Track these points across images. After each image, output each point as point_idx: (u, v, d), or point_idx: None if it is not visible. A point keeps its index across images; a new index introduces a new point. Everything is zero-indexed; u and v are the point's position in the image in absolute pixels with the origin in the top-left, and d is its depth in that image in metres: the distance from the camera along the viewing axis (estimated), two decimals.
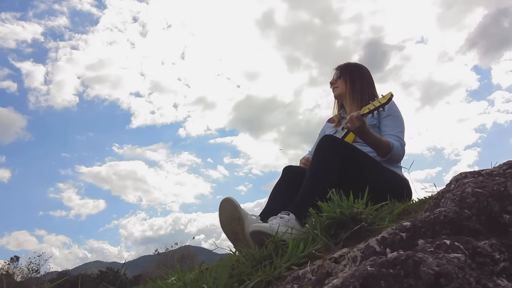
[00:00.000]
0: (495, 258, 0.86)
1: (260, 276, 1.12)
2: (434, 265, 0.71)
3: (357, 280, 0.68)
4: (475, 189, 1.16)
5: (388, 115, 2.30)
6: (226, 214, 1.64)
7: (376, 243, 0.99)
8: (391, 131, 2.25)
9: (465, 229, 1.02)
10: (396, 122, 2.30)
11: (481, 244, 0.90)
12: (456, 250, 0.85)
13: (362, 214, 1.32)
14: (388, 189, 1.86)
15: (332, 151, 1.89)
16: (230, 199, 1.64)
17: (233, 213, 1.61)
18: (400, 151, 2.18)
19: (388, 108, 2.31)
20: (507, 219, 1.12)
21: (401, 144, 2.20)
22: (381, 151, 2.13)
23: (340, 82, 2.56)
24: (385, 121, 2.30)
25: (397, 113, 2.33)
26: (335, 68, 2.67)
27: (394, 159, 2.17)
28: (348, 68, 2.59)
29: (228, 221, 1.63)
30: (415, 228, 1.00)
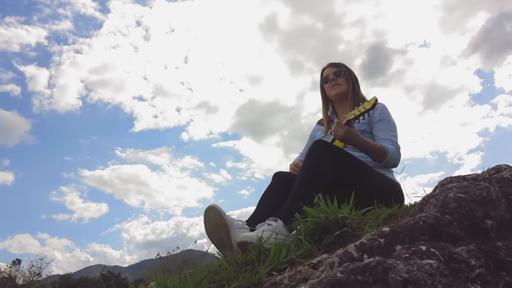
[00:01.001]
0: (471, 264, 0.85)
1: (239, 281, 1.11)
2: (403, 272, 0.70)
3: (324, 286, 0.67)
4: (458, 194, 1.15)
5: (380, 120, 2.26)
6: (211, 222, 1.63)
7: (354, 249, 0.98)
8: (385, 135, 2.21)
9: (445, 235, 1.01)
10: (389, 126, 2.26)
11: (458, 250, 0.89)
12: (431, 256, 0.84)
13: (347, 219, 1.31)
14: (379, 194, 1.84)
15: (324, 157, 1.87)
16: (215, 206, 1.63)
17: (218, 220, 1.60)
18: (396, 155, 2.13)
19: (380, 112, 2.28)
20: (489, 224, 1.11)
21: (397, 148, 2.16)
22: (375, 157, 2.10)
23: (342, 80, 2.45)
24: (377, 126, 2.26)
25: (389, 117, 2.29)
26: (332, 64, 2.56)
27: (391, 163, 2.13)
28: (347, 68, 2.52)
29: (214, 228, 1.62)
30: (393, 234, 0.99)
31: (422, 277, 0.69)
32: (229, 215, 1.66)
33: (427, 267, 0.75)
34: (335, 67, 2.52)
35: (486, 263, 0.87)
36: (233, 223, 1.62)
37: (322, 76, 2.56)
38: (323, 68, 2.60)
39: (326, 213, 1.33)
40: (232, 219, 1.65)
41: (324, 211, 1.35)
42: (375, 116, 2.28)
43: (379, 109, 2.30)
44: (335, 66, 2.53)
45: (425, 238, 0.99)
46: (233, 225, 1.62)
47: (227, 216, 1.62)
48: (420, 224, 1.00)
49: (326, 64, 2.60)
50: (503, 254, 0.92)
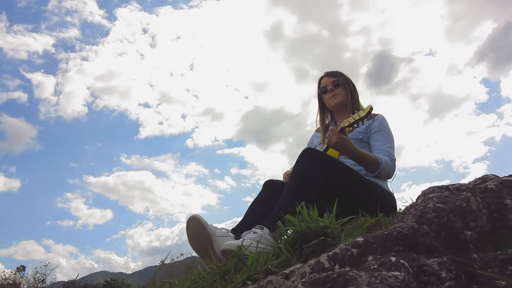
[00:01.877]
0: (441, 277, 0.83)
1: None
2: (364, 284, 0.68)
3: None
4: (437, 204, 1.13)
5: (378, 130, 2.25)
6: (193, 233, 1.61)
7: (326, 259, 0.96)
8: (381, 146, 2.19)
9: (420, 246, 0.99)
10: (386, 137, 2.24)
11: (429, 262, 0.87)
12: (399, 268, 0.82)
13: (328, 229, 1.29)
14: (370, 203, 1.82)
15: (313, 165, 1.86)
16: (196, 217, 1.62)
17: (200, 231, 1.59)
18: (390, 166, 2.11)
19: (379, 123, 2.27)
20: (468, 235, 1.09)
21: (391, 159, 2.14)
22: (368, 167, 2.08)
23: (340, 90, 2.45)
24: (375, 136, 2.25)
25: (387, 129, 2.28)
26: (329, 74, 2.54)
27: (384, 174, 2.11)
28: (345, 77, 2.50)
29: (196, 239, 1.61)
30: (366, 244, 0.97)
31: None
32: (212, 224, 1.64)
33: (391, 280, 0.73)
34: (333, 76, 2.51)
35: (457, 276, 0.85)
36: (216, 232, 1.60)
37: (320, 86, 2.55)
38: (320, 78, 2.59)
39: (307, 222, 1.31)
40: (215, 228, 1.64)
41: (305, 220, 1.33)
42: (374, 126, 2.27)
43: (378, 120, 2.30)
44: (332, 75, 2.52)
45: (399, 249, 0.97)
46: (216, 234, 1.60)
47: (209, 226, 1.61)
48: (394, 235, 0.98)
49: (323, 73, 2.60)
50: (477, 266, 0.90)
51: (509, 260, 0.90)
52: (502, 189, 1.27)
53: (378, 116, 2.33)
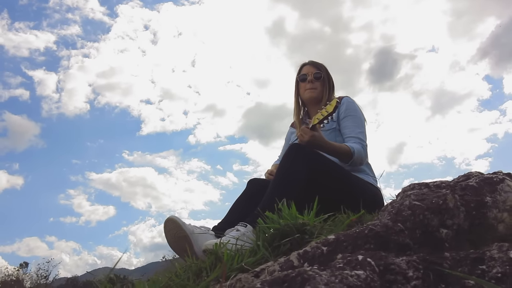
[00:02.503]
0: (408, 275, 0.82)
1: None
2: (323, 283, 0.67)
3: None
4: (413, 201, 1.12)
5: (346, 116, 2.19)
6: (171, 235, 1.59)
7: (296, 257, 0.95)
8: (351, 132, 2.14)
9: (392, 244, 0.98)
10: (355, 122, 2.18)
11: (397, 260, 0.86)
12: (365, 267, 0.81)
13: (307, 226, 1.28)
14: (356, 199, 1.79)
15: (298, 161, 1.84)
16: (173, 219, 1.59)
17: (178, 232, 1.57)
18: (362, 154, 2.07)
19: (346, 108, 2.20)
20: (444, 233, 1.07)
21: (363, 146, 2.09)
22: (342, 158, 2.04)
23: (319, 84, 2.36)
24: (344, 123, 2.19)
25: (355, 112, 2.21)
26: (313, 63, 2.44)
27: (357, 163, 2.06)
28: (327, 73, 2.42)
29: (175, 240, 1.59)
30: (337, 242, 0.96)
31: None
32: (190, 224, 1.63)
33: (351, 279, 0.71)
34: (316, 68, 2.41)
35: (425, 275, 0.84)
36: (194, 231, 1.58)
37: (301, 73, 2.43)
38: (303, 64, 2.48)
39: (286, 219, 1.30)
40: (193, 227, 1.62)
41: (285, 217, 1.32)
42: (341, 112, 2.19)
43: (345, 104, 2.22)
44: (316, 67, 2.42)
45: (370, 247, 0.95)
46: (194, 234, 1.58)
47: (187, 227, 1.59)
48: (365, 233, 0.97)
49: (307, 60, 2.49)
50: (448, 265, 0.88)
51: (480, 259, 0.88)
52: (483, 187, 1.26)
53: (344, 99, 2.25)
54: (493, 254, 0.88)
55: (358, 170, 2.12)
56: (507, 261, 0.84)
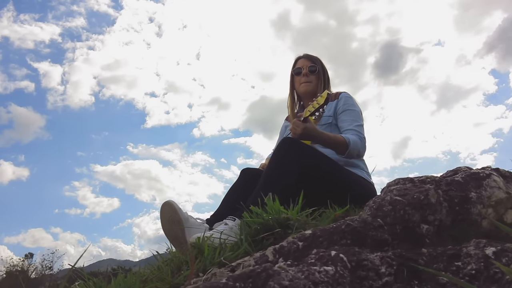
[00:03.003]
0: (380, 272, 0.81)
1: (166, 282, 1.08)
2: (287, 279, 0.66)
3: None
4: (395, 197, 1.10)
5: (344, 110, 2.17)
6: (166, 218, 1.59)
7: (272, 252, 0.94)
8: (349, 125, 2.12)
9: (369, 239, 0.97)
10: (353, 116, 2.16)
11: (371, 256, 0.85)
12: (336, 263, 0.80)
13: (290, 220, 1.27)
14: (347, 194, 1.77)
15: (290, 154, 1.82)
16: (170, 202, 1.60)
17: (173, 216, 1.56)
18: (359, 145, 2.04)
19: (344, 102, 2.19)
20: (425, 229, 1.06)
21: (360, 138, 2.07)
22: (337, 149, 2.01)
23: (314, 78, 2.34)
24: (341, 117, 2.17)
25: (353, 106, 2.19)
26: (308, 57, 2.42)
27: (354, 154, 2.03)
28: (322, 65, 2.40)
29: (169, 224, 1.59)
30: (313, 237, 0.95)
31: (304, 285, 0.65)
32: (186, 212, 1.62)
33: (319, 275, 0.71)
34: (311, 61, 2.39)
35: (398, 271, 0.83)
36: (189, 220, 1.58)
37: (295, 66, 2.42)
38: (298, 58, 2.46)
39: (269, 214, 1.29)
40: (189, 216, 1.62)
41: (269, 211, 1.31)
42: (339, 107, 2.19)
43: (342, 99, 2.21)
44: (311, 60, 2.40)
45: (346, 242, 0.94)
46: (189, 222, 1.58)
47: (182, 213, 1.58)
48: (342, 228, 0.96)
49: (302, 53, 2.48)
50: (423, 261, 0.87)
51: (456, 256, 0.87)
52: (469, 182, 1.24)
53: (342, 94, 2.24)
54: (469, 250, 0.87)
55: (352, 165, 2.11)
56: (483, 258, 0.83)
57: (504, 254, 0.82)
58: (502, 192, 1.22)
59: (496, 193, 1.21)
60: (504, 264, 0.79)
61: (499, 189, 1.23)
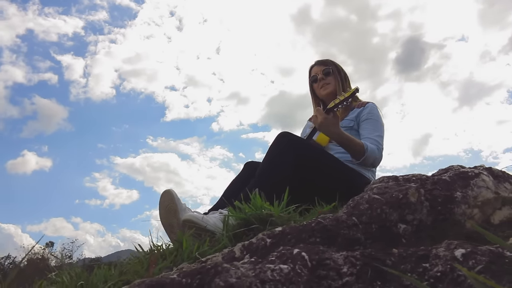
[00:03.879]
0: (341, 271, 0.79)
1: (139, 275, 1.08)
2: (235, 277, 0.65)
3: (143, 287, 0.63)
4: (373, 195, 1.08)
5: (367, 119, 2.18)
6: (164, 206, 1.59)
7: (239, 249, 0.93)
8: (369, 134, 2.12)
9: (340, 238, 0.95)
10: (375, 126, 2.16)
11: (335, 255, 0.83)
12: (296, 261, 0.79)
13: (272, 217, 1.26)
14: (345, 189, 1.75)
15: (287, 149, 1.81)
16: (170, 191, 1.59)
17: (170, 205, 1.56)
18: (376, 154, 2.04)
19: (368, 112, 2.21)
20: (402, 229, 1.04)
21: (378, 148, 2.06)
22: (353, 153, 2.01)
23: (331, 79, 2.39)
24: (363, 124, 2.18)
25: (376, 117, 2.20)
26: (319, 62, 2.48)
27: (369, 162, 2.03)
28: (335, 65, 2.44)
29: (166, 213, 1.58)
30: (282, 234, 0.94)
31: (250, 283, 0.64)
32: (185, 204, 1.62)
33: (269, 273, 0.69)
34: (323, 65, 2.44)
35: (362, 271, 0.80)
36: (186, 211, 1.58)
37: (311, 75, 2.49)
38: (311, 67, 2.52)
39: (251, 209, 1.28)
40: (186, 207, 1.61)
41: (251, 207, 1.30)
42: (363, 114, 2.22)
43: (368, 108, 2.23)
44: (323, 64, 2.46)
45: (315, 240, 0.93)
46: (185, 212, 1.58)
47: (180, 203, 1.58)
48: (312, 226, 0.94)
49: (313, 62, 2.53)
50: (391, 262, 0.85)
51: (425, 257, 0.85)
52: (456, 181, 1.21)
53: (369, 104, 2.26)
54: (439, 252, 0.84)
55: (356, 164, 2.09)
56: (450, 260, 0.80)
57: (472, 257, 0.79)
58: (490, 192, 1.19)
59: (483, 193, 1.18)
60: (470, 267, 0.76)
61: (487, 189, 1.19)
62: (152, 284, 0.65)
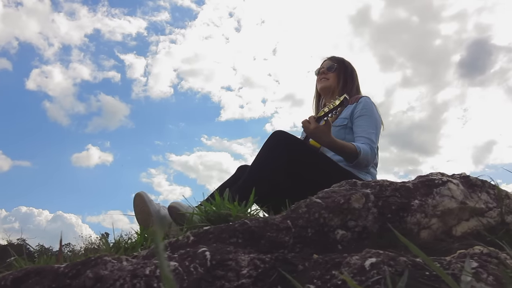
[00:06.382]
0: (241, 273, 0.78)
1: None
2: (106, 270, 0.67)
3: (4, 278, 0.67)
4: (315, 199, 1.05)
5: (361, 115, 2.11)
6: (138, 210, 1.64)
7: (165, 245, 0.95)
8: (363, 132, 2.07)
9: (264, 240, 0.93)
10: (369, 122, 2.10)
11: (241, 257, 0.82)
12: (195, 259, 0.79)
13: (230, 216, 1.27)
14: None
15: (279, 146, 1.81)
16: (141, 194, 1.64)
17: (143, 208, 1.61)
18: (369, 156, 1.98)
19: (362, 107, 2.13)
20: (339, 235, 1.00)
21: (371, 148, 2.01)
22: (346, 157, 1.97)
23: (332, 75, 2.36)
24: (357, 121, 2.12)
25: (370, 113, 2.14)
26: (330, 58, 2.45)
27: (363, 164, 1.99)
28: (344, 64, 2.39)
29: (140, 215, 1.64)
30: (205, 233, 0.94)
31: (120, 277, 0.66)
32: (158, 203, 1.67)
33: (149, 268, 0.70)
34: (332, 61, 2.42)
35: (264, 274, 0.79)
36: (160, 211, 1.62)
37: (318, 68, 2.49)
38: (323, 61, 2.50)
39: (211, 208, 1.29)
40: (160, 207, 1.66)
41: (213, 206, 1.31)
42: (357, 110, 2.14)
43: (361, 104, 2.16)
44: (332, 60, 2.43)
45: (236, 241, 0.92)
46: (159, 213, 1.62)
47: (152, 205, 1.63)
48: (235, 227, 0.93)
49: (327, 56, 2.50)
50: (303, 267, 0.82)
51: (338, 264, 0.81)
52: (419, 189, 1.15)
53: (362, 99, 2.20)
54: (352, 260, 0.81)
55: (352, 166, 2.04)
56: (357, 269, 0.77)
57: (378, 266, 0.75)
58: (453, 202, 1.12)
59: (445, 203, 1.11)
60: (369, 277, 0.72)
61: (451, 199, 1.12)
62: (29, 271, 0.68)
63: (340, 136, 2.07)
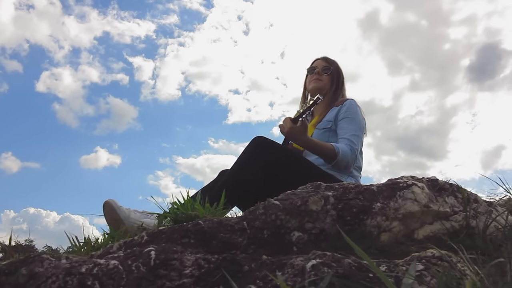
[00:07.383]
0: (183, 273, 0.79)
1: None
2: (42, 267, 0.68)
3: None
4: (273, 201, 1.05)
5: (344, 117, 2.11)
6: (108, 217, 1.64)
7: (120, 244, 0.96)
8: (345, 134, 2.06)
9: (216, 241, 0.94)
10: (352, 124, 2.09)
11: (187, 257, 0.83)
12: (139, 258, 0.80)
13: (197, 218, 1.27)
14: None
15: (257, 151, 1.81)
16: (109, 202, 1.63)
17: (113, 215, 1.61)
18: (349, 157, 1.97)
19: (346, 109, 2.13)
20: (295, 237, 1.01)
21: (351, 149, 2.00)
22: (324, 157, 1.96)
23: (326, 77, 2.34)
24: (341, 124, 2.11)
25: (354, 115, 2.12)
26: (325, 59, 2.43)
27: (342, 165, 1.97)
28: (338, 69, 2.39)
29: (112, 222, 1.64)
30: (159, 233, 0.95)
31: (53, 274, 0.67)
32: (128, 208, 1.66)
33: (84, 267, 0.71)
34: (327, 62, 2.40)
35: (207, 275, 0.79)
36: (130, 216, 1.61)
37: (311, 66, 2.44)
38: (316, 59, 2.47)
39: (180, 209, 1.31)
40: (130, 211, 1.65)
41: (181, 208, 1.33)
42: (341, 113, 2.14)
43: (345, 106, 2.16)
44: (327, 61, 2.41)
45: (188, 241, 0.93)
46: (129, 219, 1.61)
47: (122, 211, 1.61)
48: (187, 227, 0.94)
49: (320, 56, 2.48)
50: (248, 268, 0.83)
51: (284, 265, 0.82)
52: (383, 191, 1.15)
53: (347, 101, 2.19)
54: (296, 261, 0.81)
55: (335, 169, 2.03)
56: (298, 270, 0.77)
57: (318, 268, 0.75)
58: (416, 205, 1.11)
59: (407, 206, 1.11)
60: (306, 278, 0.72)
61: (414, 202, 1.12)
62: None
63: (323, 139, 2.07)
